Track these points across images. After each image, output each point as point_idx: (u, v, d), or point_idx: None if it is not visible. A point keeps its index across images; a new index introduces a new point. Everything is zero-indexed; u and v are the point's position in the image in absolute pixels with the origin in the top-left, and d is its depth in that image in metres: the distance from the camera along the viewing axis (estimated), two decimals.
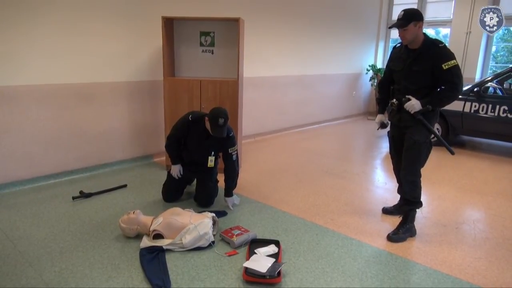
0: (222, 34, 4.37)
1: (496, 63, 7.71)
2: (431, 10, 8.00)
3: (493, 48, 7.44)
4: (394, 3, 8.48)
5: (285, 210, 3.37)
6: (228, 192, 3.36)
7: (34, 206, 3.32)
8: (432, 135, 2.82)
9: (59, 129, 3.91)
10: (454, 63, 2.61)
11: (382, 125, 3.20)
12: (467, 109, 5.48)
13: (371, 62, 8.48)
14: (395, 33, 8.68)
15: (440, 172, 4.63)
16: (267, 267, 2.34)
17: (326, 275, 2.39)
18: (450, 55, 2.64)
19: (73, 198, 3.48)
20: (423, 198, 2.99)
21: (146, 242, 2.67)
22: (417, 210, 2.99)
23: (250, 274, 2.30)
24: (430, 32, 8.48)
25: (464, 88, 5.78)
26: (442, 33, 8.55)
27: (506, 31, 7.55)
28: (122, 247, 2.68)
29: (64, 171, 4.00)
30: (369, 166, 5.01)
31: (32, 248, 2.63)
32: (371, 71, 8.23)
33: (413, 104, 2.70)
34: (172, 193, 3.51)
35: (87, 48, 3.97)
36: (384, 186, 4.18)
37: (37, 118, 3.73)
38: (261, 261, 2.42)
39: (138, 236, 2.79)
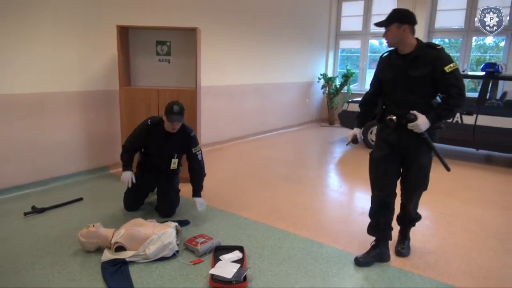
0: (179, 43, 4.38)
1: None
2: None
3: None
4: (342, 14, 8.91)
5: (246, 216, 3.44)
6: (196, 193, 3.33)
7: None
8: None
9: (9, 141, 3.70)
10: (455, 65, 2.33)
11: (354, 140, 2.84)
12: None
13: (322, 71, 8.83)
14: (344, 44, 9.14)
15: None
16: (232, 272, 2.39)
17: (290, 277, 2.48)
18: (450, 58, 2.36)
19: (25, 213, 3.31)
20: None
21: (107, 255, 2.61)
22: None
23: (216, 281, 2.33)
24: (374, 43, 8.99)
25: None
26: (384, 44, 9.09)
27: (448, 41, 8.19)
28: (82, 262, 2.60)
29: (14, 186, 3.79)
30: (323, 171, 5.22)
31: None
32: (322, 79, 8.56)
33: (419, 126, 2.33)
34: (133, 202, 3.47)
35: (39, 57, 3.82)
36: (339, 189, 4.38)
37: None
38: (226, 267, 2.47)
39: (99, 250, 2.72)
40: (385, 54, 2.63)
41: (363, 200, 4.06)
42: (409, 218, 2.83)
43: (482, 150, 5.85)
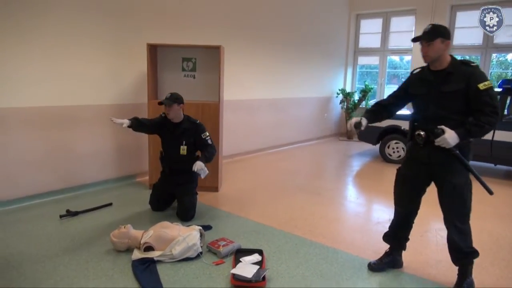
0: (203, 60, 4.66)
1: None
2: (394, 39, 8.66)
3: None
4: (361, 32, 9.11)
5: (265, 223, 3.61)
6: (201, 159, 3.55)
7: (21, 225, 3.40)
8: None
9: (44, 150, 4.02)
10: (490, 84, 2.28)
11: (357, 125, 2.68)
12: None
13: (341, 87, 9.00)
14: (362, 60, 9.31)
15: None
16: (252, 273, 2.56)
17: (306, 279, 2.63)
18: (485, 75, 2.33)
19: (61, 216, 3.58)
20: (390, 212, 3.20)
21: (137, 254, 2.83)
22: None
23: (237, 279, 2.51)
24: (394, 58, 9.14)
25: None
26: (405, 60, 9.26)
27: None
28: (114, 260, 2.82)
29: (48, 191, 4.09)
30: (341, 183, 5.35)
31: (25, 264, 2.73)
32: (340, 94, 8.73)
33: (447, 140, 2.26)
34: (157, 202, 3.80)
35: (73, 72, 4.15)
36: (355, 200, 4.51)
37: (22, 140, 3.84)
38: (246, 268, 2.64)
39: (128, 250, 2.95)
40: (416, 70, 2.61)
41: (379, 211, 4.18)
42: (459, 252, 2.50)
43: (500, 165, 5.88)
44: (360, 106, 8.63)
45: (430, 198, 2.69)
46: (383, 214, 3.99)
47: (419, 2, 7.89)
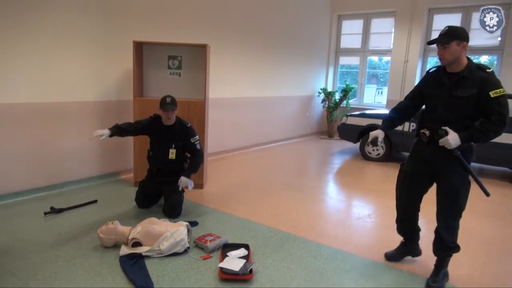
0: (189, 58, 4.70)
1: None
2: (374, 40, 8.88)
3: None
4: (342, 32, 9.29)
5: (251, 219, 3.69)
6: (186, 173, 3.66)
7: (5, 222, 3.38)
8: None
9: (27, 147, 3.98)
10: (502, 91, 2.28)
11: (373, 142, 2.73)
12: (406, 129, 6.16)
13: (322, 86, 9.16)
14: (344, 60, 9.50)
15: (387, 184, 5.19)
16: (239, 266, 2.64)
17: (291, 271, 2.73)
18: (498, 83, 2.31)
19: (45, 213, 3.56)
20: (370, 207, 3.36)
21: (125, 250, 2.87)
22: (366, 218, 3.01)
23: (225, 273, 2.58)
24: (373, 58, 9.37)
25: None
26: (384, 60, 9.51)
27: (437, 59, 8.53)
28: (101, 256, 2.85)
29: (32, 189, 4.05)
30: (323, 180, 5.49)
31: (11, 260, 2.73)
32: (322, 93, 8.89)
33: (449, 141, 2.32)
34: (143, 199, 3.83)
35: (58, 69, 4.12)
36: (337, 197, 4.65)
37: (5, 136, 3.80)
38: (234, 261, 2.72)
39: (116, 246, 2.97)
40: (432, 70, 2.61)
41: (359, 207, 4.33)
42: (443, 245, 2.60)
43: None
44: (341, 105, 8.81)
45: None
46: (363, 209, 4.13)
47: (399, 5, 8.12)
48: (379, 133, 2.70)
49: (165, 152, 3.72)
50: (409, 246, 2.93)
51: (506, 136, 4.93)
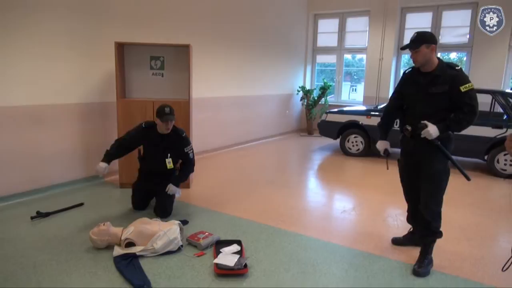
0: (171, 58, 4.71)
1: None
2: (349, 39, 9.10)
3: (401, 72, 8.66)
4: (318, 31, 9.47)
5: (240, 216, 3.75)
6: (174, 181, 3.66)
7: None
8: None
9: (10, 150, 3.90)
10: (471, 86, 2.56)
11: (386, 152, 3.04)
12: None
13: (301, 84, 9.31)
14: (321, 58, 9.69)
15: (367, 178, 5.37)
16: (234, 261, 2.70)
17: (285, 264, 2.82)
18: (467, 78, 2.59)
19: (32, 218, 3.51)
20: (354, 201, 3.49)
21: (118, 250, 2.88)
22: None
23: (221, 268, 2.64)
24: (347, 56, 9.60)
25: (381, 106, 6.73)
26: (357, 58, 9.76)
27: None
28: (95, 257, 2.85)
29: (16, 193, 3.97)
30: (306, 176, 5.62)
31: (3, 265, 2.70)
32: (301, 91, 9.04)
33: (430, 132, 2.57)
34: (139, 201, 3.82)
35: (39, 71, 4.05)
36: (321, 192, 4.78)
37: None
38: (228, 257, 2.78)
39: (108, 247, 2.98)
40: (407, 70, 2.89)
41: (344, 201, 4.47)
42: (428, 231, 2.80)
43: None
44: (320, 102, 8.98)
45: (386, 188, 2.95)
46: (348, 203, 4.28)
47: (373, 4, 8.36)
48: (385, 145, 3.03)
49: (161, 162, 3.68)
50: (416, 235, 3.06)
51: (476, 129, 5.25)
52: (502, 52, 7.19)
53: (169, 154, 3.70)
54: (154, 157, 3.71)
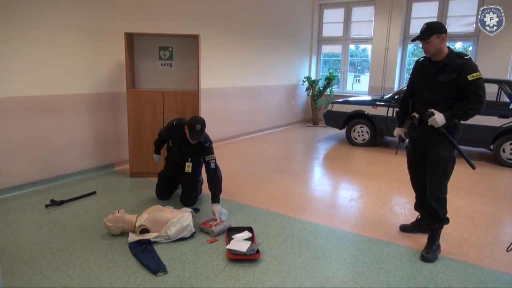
0: (180, 48, 4.74)
1: (409, 74, 8.94)
2: (355, 28, 9.07)
3: (407, 61, 8.65)
4: (324, 21, 9.43)
5: (250, 204, 3.82)
6: (214, 198, 3.40)
7: (7, 216, 3.40)
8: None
9: (23, 140, 3.97)
10: (479, 75, 2.58)
11: (401, 139, 3.13)
12: (390, 114, 6.39)
13: (306, 74, 9.32)
14: (326, 48, 9.67)
15: (374, 167, 5.42)
16: (246, 247, 2.77)
17: (296, 250, 2.89)
18: (475, 67, 2.60)
19: (46, 206, 3.59)
20: (361, 190, 3.53)
21: (133, 237, 2.95)
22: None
23: (234, 254, 2.71)
24: (351, 47, 9.57)
25: (386, 96, 6.75)
26: (360, 48, 9.73)
27: (416, 47, 8.81)
28: (110, 244, 2.93)
29: (29, 182, 4.06)
30: (314, 165, 5.67)
31: (22, 251, 2.78)
32: (306, 82, 9.05)
33: (436, 120, 2.62)
34: (164, 191, 3.90)
35: (51, 62, 4.10)
36: (328, 181, 4.84)
37: (0, 130, 3.78)
38: (240, 243, 2.85)
39: (123, 234, 3.05)
40: (420, 59, 2.94)
41: (351, 190, 4.52)
42: (435, 218, 2.84)
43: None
44: (325, 93, 8.99)
45: (392, 176, 2.99)
46: (355, 192, 4.33)
47: None
48: (399, 132, 3.13)
49: (182, 162, 3.72)
50: (423, 222, 3.09)
51: (482, 118, 5.27)
52: (509, 41, 7.15)
53: (189, 159, 3.72)
54: (177, 155, 3.77)
